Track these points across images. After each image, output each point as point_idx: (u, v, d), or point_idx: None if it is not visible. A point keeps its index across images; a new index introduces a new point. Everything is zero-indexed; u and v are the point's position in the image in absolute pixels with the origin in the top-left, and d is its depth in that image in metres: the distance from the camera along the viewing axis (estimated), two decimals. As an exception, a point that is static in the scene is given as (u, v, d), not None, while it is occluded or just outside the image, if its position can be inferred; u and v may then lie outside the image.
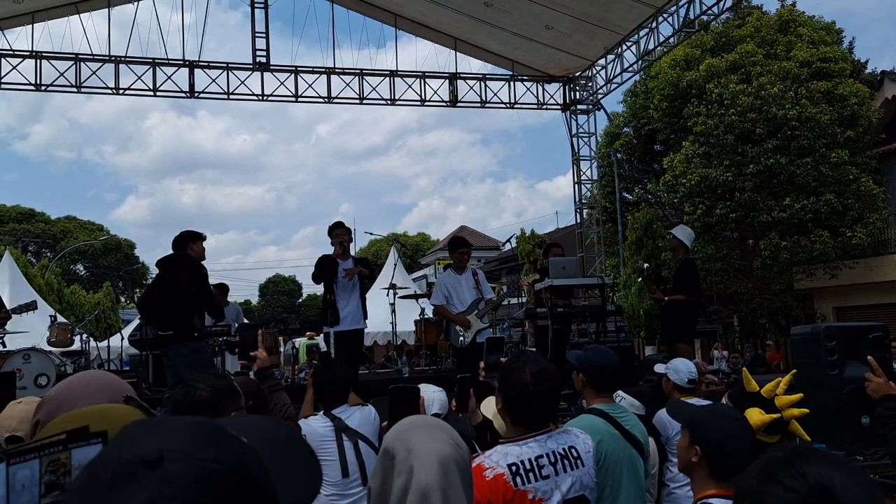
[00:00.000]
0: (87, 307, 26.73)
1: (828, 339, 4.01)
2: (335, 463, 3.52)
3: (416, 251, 47.29)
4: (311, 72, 13.95)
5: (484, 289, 7.82)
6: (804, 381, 4.27)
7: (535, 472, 2.26)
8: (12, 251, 21.64)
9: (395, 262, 15.38)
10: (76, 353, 11.04)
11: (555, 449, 2.33)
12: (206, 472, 0.69)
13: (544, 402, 2.35)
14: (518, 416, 2.37)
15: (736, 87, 16.67)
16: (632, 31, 12.78)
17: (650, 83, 19.29)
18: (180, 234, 6.66)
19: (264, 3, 13.13)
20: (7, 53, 12.68)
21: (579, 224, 16.21)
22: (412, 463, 1.49)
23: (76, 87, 13.00)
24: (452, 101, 14.77)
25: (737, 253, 18.27)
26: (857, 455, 3.55)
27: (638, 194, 22.00)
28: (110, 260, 46.40)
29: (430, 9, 13.32)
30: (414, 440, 1.55)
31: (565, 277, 8.34)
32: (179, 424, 0.76)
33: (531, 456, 2.28)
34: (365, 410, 3.78)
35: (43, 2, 12.23)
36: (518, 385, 2.32)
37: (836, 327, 4.19)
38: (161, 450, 0.69)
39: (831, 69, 16.93)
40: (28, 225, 43.89)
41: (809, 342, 4.17)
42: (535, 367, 2.34)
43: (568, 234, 22.64)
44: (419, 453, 1.51)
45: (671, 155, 18.00)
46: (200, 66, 13.36)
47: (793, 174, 16.23)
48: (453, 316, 7.62)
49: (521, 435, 2.34)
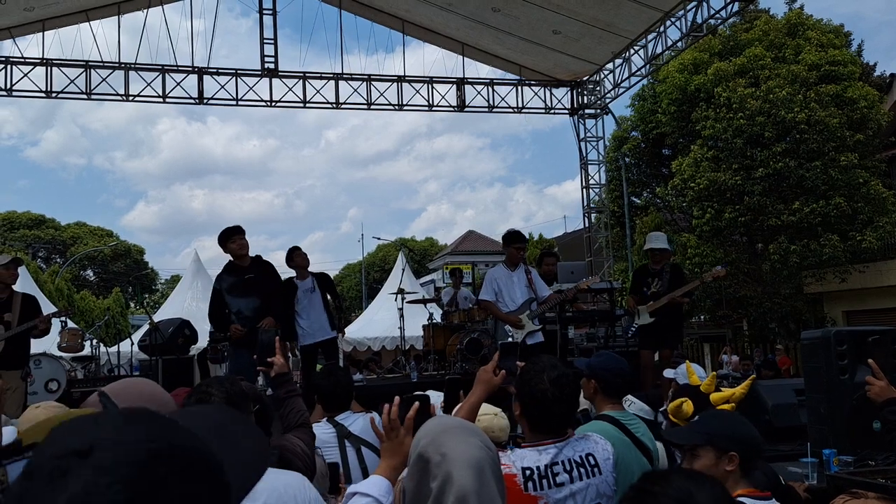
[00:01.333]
0: (97, 312, 26.86)
1: (838, 343, 4.00)
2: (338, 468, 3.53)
3: (423, 256, 47.31)
4: (319, 77, 14.01)
5: (538, 287, 7.16)
6: (814, 385, 4.26)
7: (549, 479, 2.25)
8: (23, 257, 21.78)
9: (402, 267, 15.42)
10: (86, 359, 11.10)
11: (571, 456, 2.32)
12: (139, 456, 0.68)
13: (563, 407, 2.33)
14: (536, 422, 2.36)
15: (744, 91, 16.63)
16: (639, 35, 12.77)
17: (658, 87, 19.27)
18: (219, 233, 6.80)
19: (273, 10, 13.20)
20: (18, 61, 12.78)
21: (587, 228, 16.19)
22: (448, 468, 1.52)
23: (86, 93, 13.09)
24: (460, 106, 14.79)
25: (746, 257, 18.20)
26: (868, 460, 3.52)
27: (646, 198, 21.97)
28: (119, 265, 46.60)
29: (437, 14, 13.35)
30: (447, 444, 1.57)
31: (573, 282, 8.32)
32: (109, 415, 0.75)
33: (547, 462, 2.27)
34: (368, 417, 3.77)
35: (53, 10, 12.33)
36: (536, 391, 2.31)
37: (846, 331, 4.17)
38: (91, 440, 0.68)
39: (840, 72, 16.87)
40: (38, 231, 44.14)
41: (819, 347, 4.15)
42: (553, 372, 2.33)
43: (576, 238, 22.61)
44: (453, 457, 1.54)
45: (679, 159, 17.96)
46: (209, 73, 13.44)
47: (802, 178, 16.17)
48: (504, 315, 7.02)
49: (538, 441, 2.34)
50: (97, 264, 46.67)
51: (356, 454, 3.56)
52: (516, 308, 7.01)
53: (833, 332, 4.12)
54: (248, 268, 6.79)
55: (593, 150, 15.69)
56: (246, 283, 6.71)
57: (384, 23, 13.99)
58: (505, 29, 13.18)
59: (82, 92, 13.06)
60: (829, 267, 16.75)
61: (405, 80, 14.40)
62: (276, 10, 13.23)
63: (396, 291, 11.37)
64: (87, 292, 32.45)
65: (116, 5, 12.72)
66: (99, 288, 42.75)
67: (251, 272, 6.77)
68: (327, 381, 3.81)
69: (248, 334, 6.40)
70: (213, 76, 13.50)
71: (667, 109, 18.57)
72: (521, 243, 7.34)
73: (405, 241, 47.39)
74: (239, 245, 6.75)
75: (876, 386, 2.96)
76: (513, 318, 6.95)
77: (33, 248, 41.35)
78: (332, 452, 3.54)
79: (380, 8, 13.78)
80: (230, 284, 6.82)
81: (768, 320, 18.22)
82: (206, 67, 13.37)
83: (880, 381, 2.96)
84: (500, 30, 13.25)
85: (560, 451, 2.31)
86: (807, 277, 17.51)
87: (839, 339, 4.01)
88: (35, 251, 41.89)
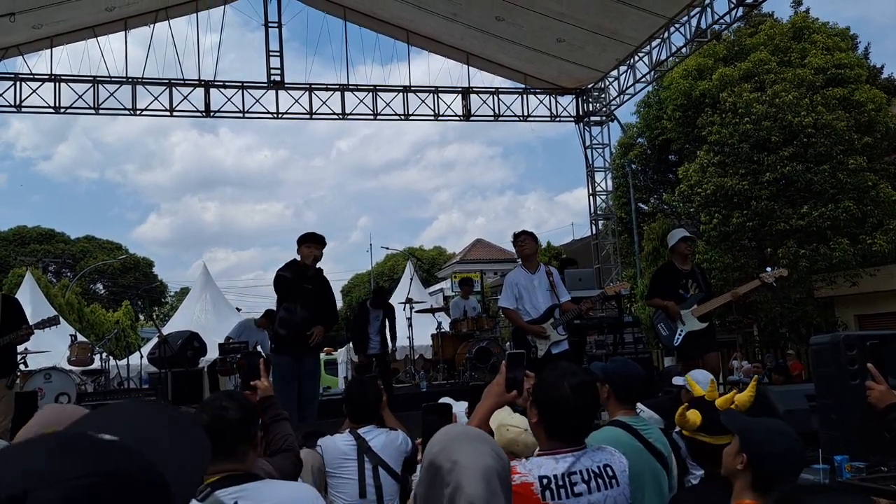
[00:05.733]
0: (107, 326, 26.98)
1: (847, 348, 3.97)
2: (354, 482, 3.51)
3: (432, 265, 47.31)
4: (325, 89, 14.07)
5: (560, 291, 6.56)
6: (825, 391, 4.23)
7: (567, 488, 2.21)
8: (33, 271, 21.93)
9: (411, 277, 15.42)
10: (96, 372, 11.14)
11: (589, 466, 2.28)
12: (77, 492, 0.65)
13: (583, 415, 2.30)
14: (554, 429, 2.31)
15: (750, 96, 16.60)
16: (644, 42, 12.78)
17: (662, 94, 19.26)
18: None
19: (278, 23, 13.29)
20: (27, 77, 12.90)
21: (595, 235, 16.16)
22: (458, 476, 1.53)
23: (94, 108, 13.19)
24: (466, 116, 14.82)
25: (755, 262, 18.11)
26: (881, 466, 3.49)
27: (653, 205, 21.94)
28: (129, 279, 46.84)
29: (442, 24, 13.40)
30: (458, 452, 1.58)
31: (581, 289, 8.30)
32: (38, 446, 0.70)
33: (564, 471, 2.23)
34: (392, 434, 3.74)
35: (61, 26, 12.45)
36: (556, 397, 2.26)
37: (856, 336, 4.14)
38: (25, 483, 0.64)
39: (847, 75, 16.81)
40: (48, 245, 44.46)
41: (829, 352, 4.12)
42: (573, 379, 2.29)
43: (584, 245, 22.57)
44: (464, 465, 1.54)
45: (686, 165, 17.93)
46: (216, 86, 13.52)
47: (810, 181, 16.10)
48: (526, 325, 6.41)
49: (555, 449, 2.29)
50: (107, 278, 46.92)
51: (373, 471, 3.53)
52: (539, 315, 6.44)
53: (842, 337, 4.10)
54: (309, 277, 6.80)
55: (599, 157, 15.68)
56: (303, 291, 6.74)
57: (389, 33, 14.05)
58: (509, 38, 13.21)
59: (90, 107, 13.16)
60: (839, 271, 16.64)
61: (411, 90, 14.44)
62: (282, 22, 13.33)
63: (405, 301, 11.39)
64: (98, 305, 32.61)
65: (123, 21, 12.82)
66: (109, 301, 42.94)
67: (311, 283, 6.80)
68: (357, 391, 3.79)
69: (294, 339, 6.62)
70: (220, 89, 13.58)
71: (672, 115, 18.55)
72: (524, 236, 6.70)
73: (413, 250, 47.42)
74: (305, 254, 6.74)
75: (876, 390, 2.89)
76: (536, 327, 6.37)
77: (43, 262, 41.59)
78: (351, 465, 3.54)
79: (384, 19, 13.84)
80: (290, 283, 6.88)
81: (779, 325, 18.11)
82: (213, 80, 13.45)
83: (880, 385, 2.89)
84: (504, 39, 13.29)
85: (577, 461, 2.27)
86: (817, 282, 17.41)
87: (848, 344, 3.98)
88: (45, 266, 42.13)
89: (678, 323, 6.62)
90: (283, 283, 6.74)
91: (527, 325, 6.40)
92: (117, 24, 12.86)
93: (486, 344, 10.23)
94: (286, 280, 6.70)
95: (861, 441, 3.76)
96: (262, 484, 2.27)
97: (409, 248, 48.98)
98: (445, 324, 11.76)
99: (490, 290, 25.16)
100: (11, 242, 43.27)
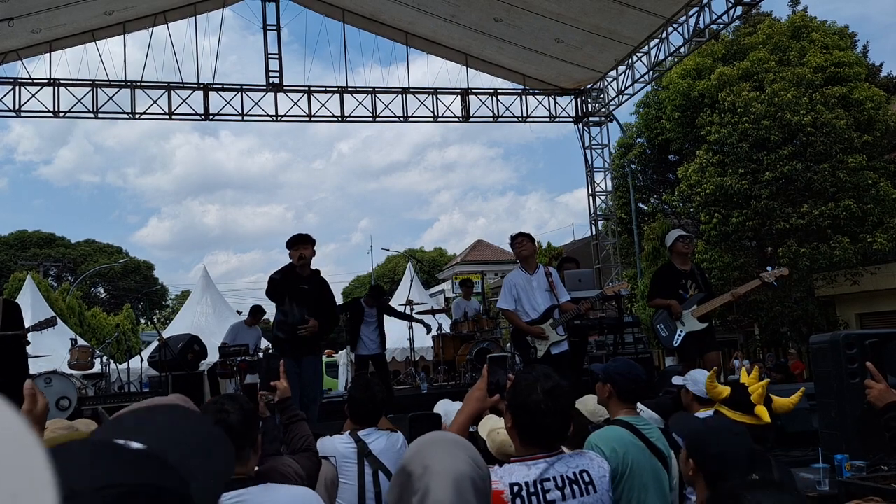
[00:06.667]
0: (108, 329, 26.96)
1: (847, 347, 3.97)
2: (353, 486, 3.46)
3: (432, 266, 47.31)
4: (324, 91, 14.08)
5: (559, 292, 6.56)
6: (825, 390, 4.23)
7: (539, 495, 2.14)
8: (34, 276, 21.89)
9: (411, 278, 15.42)
10: (97, 376, 11.13)
11: (564, 472, 2.21)
12: (106, 502, 0.64)
13: (556, 420, 2.21)
14: (527, 434, 2.24)
15: (749, 95, 16.61)
16: (642, 42, 12.78)
17: (661, 94, 19.27)
18: None
19: (277, 26, 13.30)
20: (26, 82, 12.91)
21: (594, 236, 16.16)
22: (427, 481, 1.47)
23: (93, 112, 13.20)
24: (465, 117, 14.83)
25: (755, 261, 18.10)
26: (881, 465, 3.48)
27: (653, 205, 21.94)
28: (130, 282, 46.80)
29: (440, 26, 13.41)
30: (431, 457, 1.53)
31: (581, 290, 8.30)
32: (68, 456, 0.69)
33: (535, 478, 2.17)
34: (392, 437, 3.68)
35: (60, 31, 12.46)
36: (529, 402, 2.18)
37: (855, 335, 4.14)
38: None
39: (846, 74, 16.82)
40: (49, 249, 44.43)
41: (829, 351, 4.12)
42: (546, 383, 2.20)
43: (584, 245, 22.57)
44: (435, 471, 1.48)
45: (685, 164, 17.94)
46: (215, 89, 13.53)
47: (810, 180, 16.10)
48: (525, 326, 6.42)
49: (529, 455, 2.23)
50: (108, 281, 46.91)
51: (373, 476, 3.46)
52: (538, 316, 6.43)
53: (842, 336, 4.10)
54: (304, 278, 6.74)
55: (599, 157, 15.69)
56: (299, 292, 6.71)
57: (388, 35, 14.06)
58: (508, 39, 13.23)
59: (90, 111, 13.17)
60: (839, 269, 16.63)
61: (410, 91, 14.45)
62: (280, 25, 13.34)
63: (405, 302, 11.39)
64: (98, 309, 32.59)
65: (122, 24, 12.84)
66: (110, 305, 42.94)
67: (306, 283, 6.74)
68: (362, 393, 3.72)
69: (292, 341, 6.57)
70: (219, 92, 13.59)
71: (671, 115, 18.56)
72: (521, 237, 6.67)
73: (414, 251, 47.42)
74: (293, 256, 6.66)
75: (875, 389, 2.86)
76: (535, 328, 6.37)
77: (44, 266, 41.59)
78: (351, 468, 3.47)
79: (383, 21, 13.85)
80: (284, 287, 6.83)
81: (780, 324, 18.10)
82: (212, 83, 13.47)
83: (879, 384, 2.87)
84: (502, 40, 13.30)
85: (551, 467, 2.20)
86: (818, 280, 17.40)
87: (848, 343, 3.98)
88: (46, 270, 42.14)
89: (678, 323, 6.62)
90: (273, 285, 6.70)
91: (526, 325, 6.40)
92: (116, 28, 12.87)
93: (487, 345, 10.24)
94: (275, 282, 6.66)
95: (861, 440, 3.76)
96: (263, 488, 2.27)
97: (409, 249, 49.06)
98: (446, 325, 11.76)
99: (491, 291, 25.16)
100: (12, 247, 43.27)
